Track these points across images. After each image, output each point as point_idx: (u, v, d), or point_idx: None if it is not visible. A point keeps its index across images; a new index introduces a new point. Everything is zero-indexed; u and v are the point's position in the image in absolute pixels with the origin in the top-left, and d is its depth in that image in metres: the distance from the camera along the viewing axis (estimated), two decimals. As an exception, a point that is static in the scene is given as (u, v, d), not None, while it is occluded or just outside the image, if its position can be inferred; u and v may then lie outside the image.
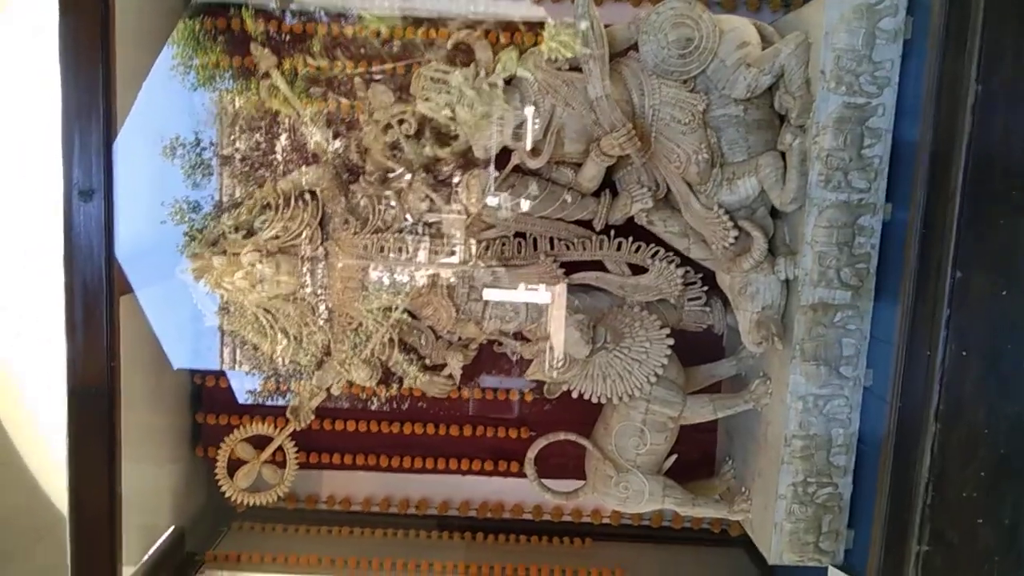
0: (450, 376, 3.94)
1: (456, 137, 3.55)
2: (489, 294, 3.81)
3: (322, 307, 3.83)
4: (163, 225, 3.78)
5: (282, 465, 3.85)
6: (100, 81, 2.99)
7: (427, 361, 3.96)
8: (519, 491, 4.43)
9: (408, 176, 3.58)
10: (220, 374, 4.25)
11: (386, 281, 3.74)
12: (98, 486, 3.05)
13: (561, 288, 3.78)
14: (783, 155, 3.31)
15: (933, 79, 2.93)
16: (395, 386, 4.05)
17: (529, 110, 3.39)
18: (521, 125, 3.44)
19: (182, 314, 3.87)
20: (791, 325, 3.36)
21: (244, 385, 4.09)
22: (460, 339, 3.91)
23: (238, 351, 3.90)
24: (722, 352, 4.11)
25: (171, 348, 3.96)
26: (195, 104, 3.81)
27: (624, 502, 3.75)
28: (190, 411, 4.13)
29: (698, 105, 3.34)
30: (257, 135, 3.72)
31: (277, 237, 3.72)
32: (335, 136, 3.75)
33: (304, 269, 3.76)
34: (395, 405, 4.18)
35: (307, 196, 3.73)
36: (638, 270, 3.79)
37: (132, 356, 3.61)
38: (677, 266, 3.71)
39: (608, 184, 3.68)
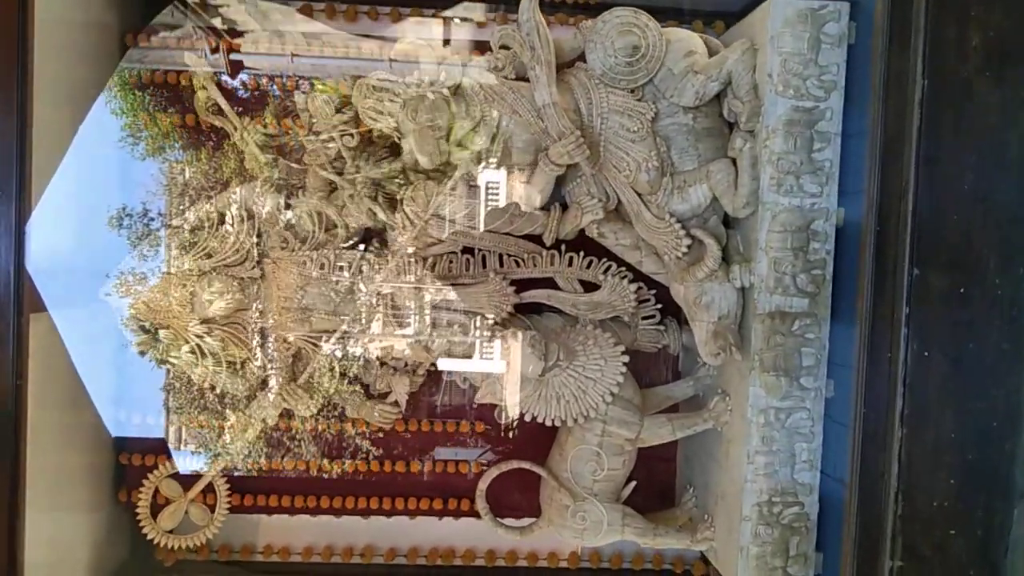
0: (395, 404, 3.72)
1: (398, 150, 3.43)
2: (437, 314, 3.64)
3: (259, 331, 3.60)
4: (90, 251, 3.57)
5: (212, 507, 3.53)
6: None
7: (370, 389, 3.74)
8: (471, 534, 4.16)
9: (349, 190, 3.43)
10: (146, 413, 3.94)
11: (326, 299, 3.54)
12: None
13: (510, 306, 3.62)
14: (734, 162, 3.25)
15: (879, 76, 2.91)
16: (336, 417, 3.80)
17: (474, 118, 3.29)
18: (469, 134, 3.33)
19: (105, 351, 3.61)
20: (748, 335, 3.24)
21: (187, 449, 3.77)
22: (406, 364, 3.71)
23: (184, 430, 3.61)
24: (678, 374, 3.97)
25: (91, 382, 3.66)
26: (136, 172, 3.62)
27: (582, 534, 3.53)
28: (113, 450, 3.79)
29: (647, 114, 3.28)
30: (207, 205, 3.50)
31: (209, 255, 3.51)
32: (273, 150, 3.58)
33: (238, 290, 3.54)
34: (337, 440, 3.91)
35: (243, 213, 3.54)
36: (591, 287, 3.66)
37: (46, 387, 3.33)
38: (630, 282, 3.60)
39: (557, 198, 3.58)
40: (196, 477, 3.54)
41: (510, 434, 3.84)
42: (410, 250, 3.53)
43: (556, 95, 3.24)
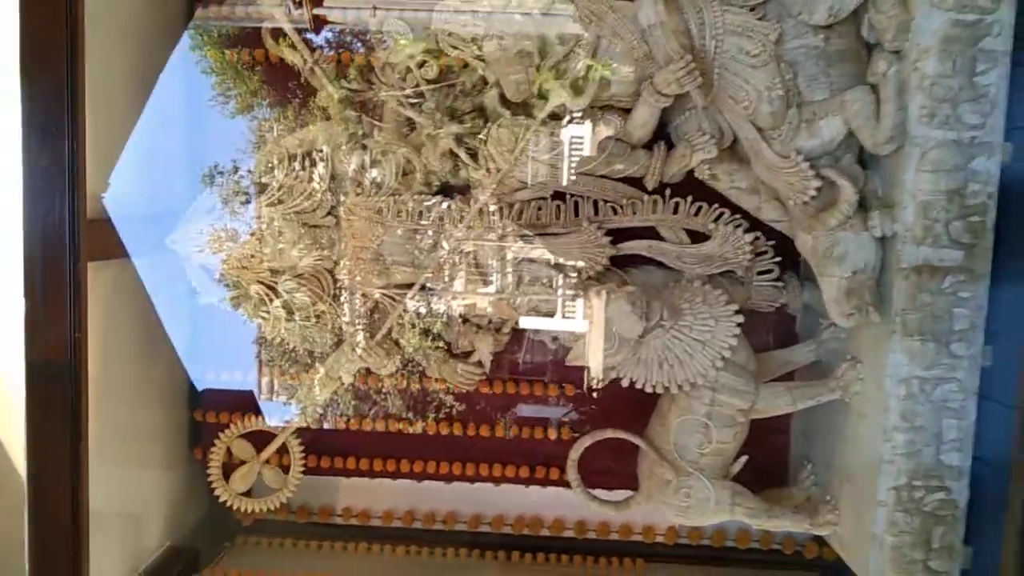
0: (479, 364, 3.41)
1: (483, 84, 3.06)
2: (524, 267, 3.29)
3: (334, 284, 3.34)
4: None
5: (286, 468, 3.33)
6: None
7: (453, 347, 3.44)
8: (560, 503, 3.85)
9: (428, 127, 3.09)
10: (223, 368, 3.76)
11: (404, 251, 3.24)
12: (59, 489, 2.56)
13: (606, 259, 3.24)
14: (874, 89, 2.75)
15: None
16: (416, 377, 3.53)
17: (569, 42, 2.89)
18: (561, 62, 2.93)
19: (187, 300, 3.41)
20: (888, 293, 2.77)
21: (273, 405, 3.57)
22: (490, 321, 3.38)
23: (276, 382, 3.42)
24: (795, 337, 3.51)
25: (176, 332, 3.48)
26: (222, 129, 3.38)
27: (685, 512, 3.16)
28: (187, 408, 3.63)
29: (769, 35, 2.80)
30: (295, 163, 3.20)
31: (280, 201, 3.25)
32: (356, 105, 3.24)
33: (310, 239, 3.28)
34: (417, 400, 3.64)
35: (315, 155, 3.25)
36: (698, 237, 3.23)
37: (111, 340, 3.16)
38: (745, 231, 3.15)
39: (661, 135, 3.15)
40: (270, 437, 3.33)
41: (604, 400, 3.49)
42: (494, 197, 3.17)
43: (663, 14, 2.80)
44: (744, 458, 3.24)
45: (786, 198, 2.94)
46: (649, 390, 3.07)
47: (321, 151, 3.25)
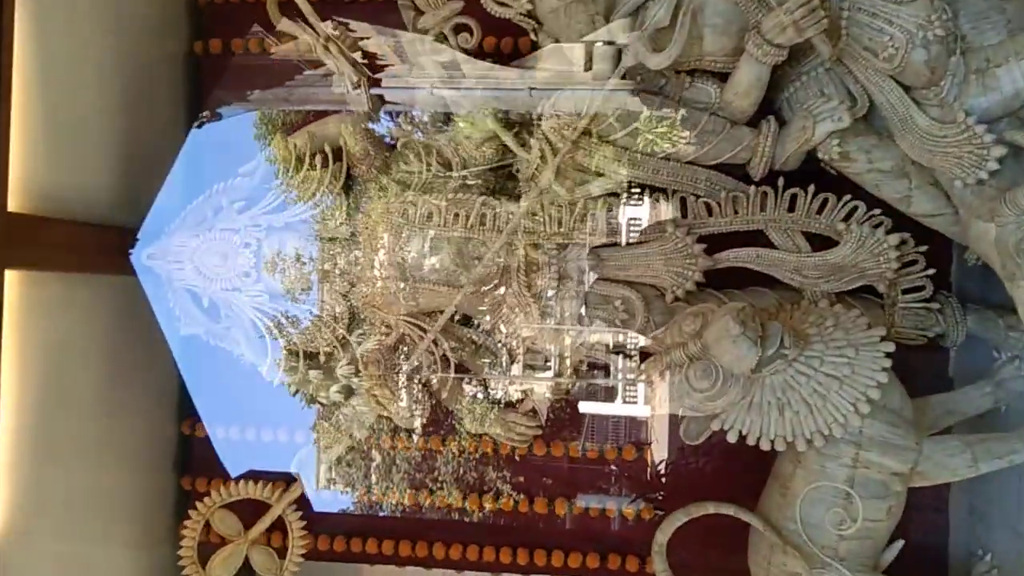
0: (533, 414, 2.63)
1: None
2: (592, 287, 2.54)
3: (346, 310, 2.64)
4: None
5: (282, 550, 2.56)
6: None
7: (500, 399, 2.67)
8: (638, 602, 2.95)
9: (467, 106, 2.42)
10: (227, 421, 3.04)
11: (434, 264, 2.52)
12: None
13: (699, 274, 2.47)
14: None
15: None
16: (452, 437, 2.76)
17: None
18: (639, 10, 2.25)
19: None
20: (1120, 302, 1.92)
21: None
22: (546, 360, 2.62)
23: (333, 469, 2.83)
24: (948, 382, 2.65)
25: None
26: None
27: (820, 621, 2.26)
28: (173, 470, 2.91)
29: (918, -41, 2.08)
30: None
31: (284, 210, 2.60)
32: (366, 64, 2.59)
33: (323, 252, 2.61)
34: (452, 464, 2.86)
35: (329, 155, 2.60)
36: (823, 243, 2.44)
37: (66, 381, 2.50)
38: (888, 231, 2.35)
39: (770, 111, 2.42)
40: (262, 510, 2.57)
41: (700, 463, 2.66)
42: (551, 191, 2.46)
43: (774, -63, 2.11)
44: (899, 543, 2.37)
45: (950, 179, 2.16)
46: (765, 447, 2.24)
47: (337, 151, 2.60)
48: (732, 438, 2.27)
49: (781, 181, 2.41)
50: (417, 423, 2.63)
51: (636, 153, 2.41)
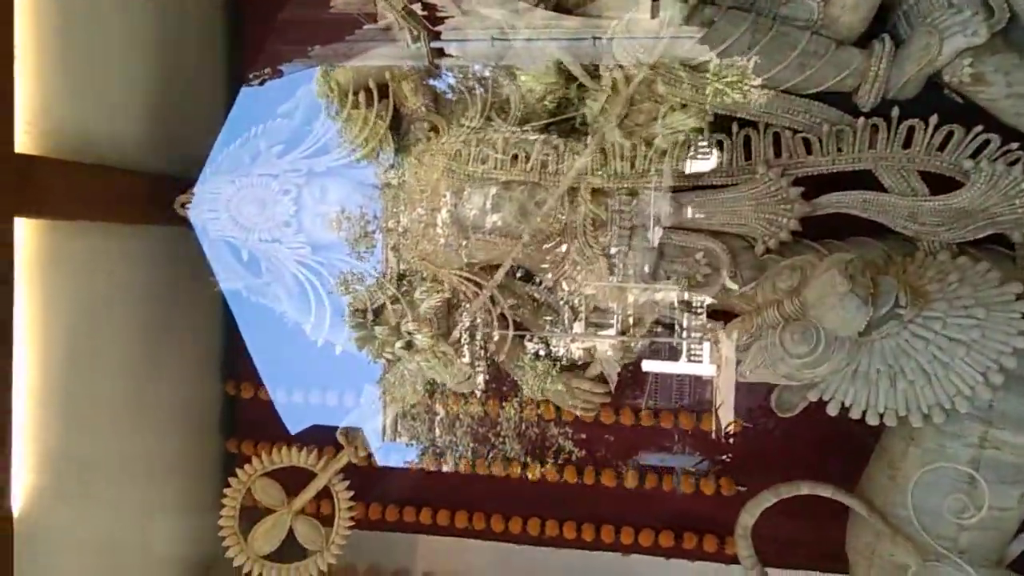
0: (601, 380, 2.36)
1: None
2: (668, 237, 2.23)
3: (397, 264, 2.40)
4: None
5: (329, 520, 2.38)
6: None
7: (561, 356, 2.41)
8: (716, 585, 2.69)
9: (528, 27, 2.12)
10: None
11: (490, 214, 2.26)
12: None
13: (795, 222, 2.14)
14: None
15: None
16: (513, 399, 2.52)
17: None
18: None
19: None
20: None
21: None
22: (617, 319, 2.34)
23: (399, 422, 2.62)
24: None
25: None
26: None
27: (933, 621, 1.97)
28: (219, 432, 2.75)
29: None
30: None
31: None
32: (426, 17, 2.34)
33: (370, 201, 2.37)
34: (517, 434, 2.63)
35: (374, 92, 2.33)
36: (944, 185, 2.08)
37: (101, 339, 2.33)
38: (1028, 169, 1.98)
39: (882, 30, 2.05)
40: (307, 478, 2.38)
41: (791, 437, 2.37)
42: (623, 126, 2.15)
43: None
44: (1030, 534, 2.03)
45: (1115, 102, 1.76)
46: (873, 421, 1.94)
47: (383, 88, 2.34)
48: (833, 410, 1.97)
49: (896, 112, 2.05)
50: (472, 387, 2.39)
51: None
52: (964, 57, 1.90)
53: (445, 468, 2.67)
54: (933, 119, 2.02)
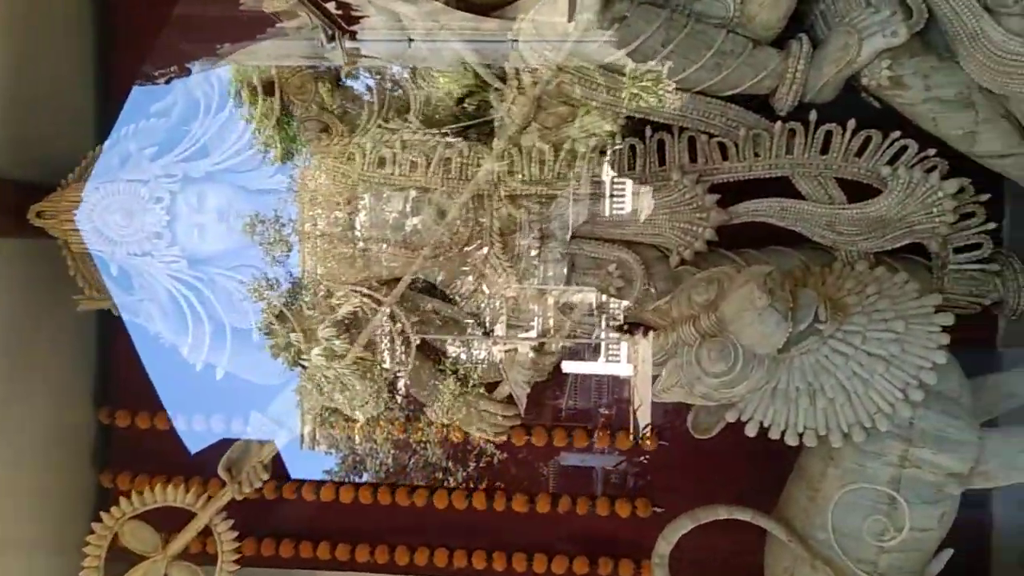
0: (510, 402, 2.20)
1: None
2: (580, 247, 2.10)
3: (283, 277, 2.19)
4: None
5: (211, 561, 2.14)
6: None
7: (468, 376, 2.23)
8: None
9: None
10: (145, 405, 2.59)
11: (391, 226, 2.07)
12: None
13: (711, 232, 2.03)
14: None
15: None
16: (417, 422, 2.33)
17: None
18: None
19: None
20: None
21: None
22: (526, 333, 2.18)
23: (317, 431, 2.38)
24: (998, 358, 2.24)
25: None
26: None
27: (854, 649, 1.88)
28: (92, 467, 2.48)
29: None
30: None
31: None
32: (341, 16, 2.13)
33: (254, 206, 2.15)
34: (415, 459, 2.45)
35: (259, 87, 2.11)
36: (862, 193, 2.00)
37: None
38: (944, 176, 1.92)
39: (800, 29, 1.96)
40: (185, 518, 2.13)
41: (708, 458, 2.26)
42: (530, 130, 2.00)
43: None
44: (947, 553, 1.97)
45: (1029, 109, 1.71)
46: (792, 441, 1.84)
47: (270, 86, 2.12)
48: (752, 431, 1.86)
49: (813, 116, 1.96)
50: (373, 411, 2.19)
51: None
52: (883, 59, 1.83)
53: (364, 477, 2.49)
54: (851, 124, 1.95)
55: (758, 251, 2.10)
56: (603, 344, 2.19)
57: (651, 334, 2.04)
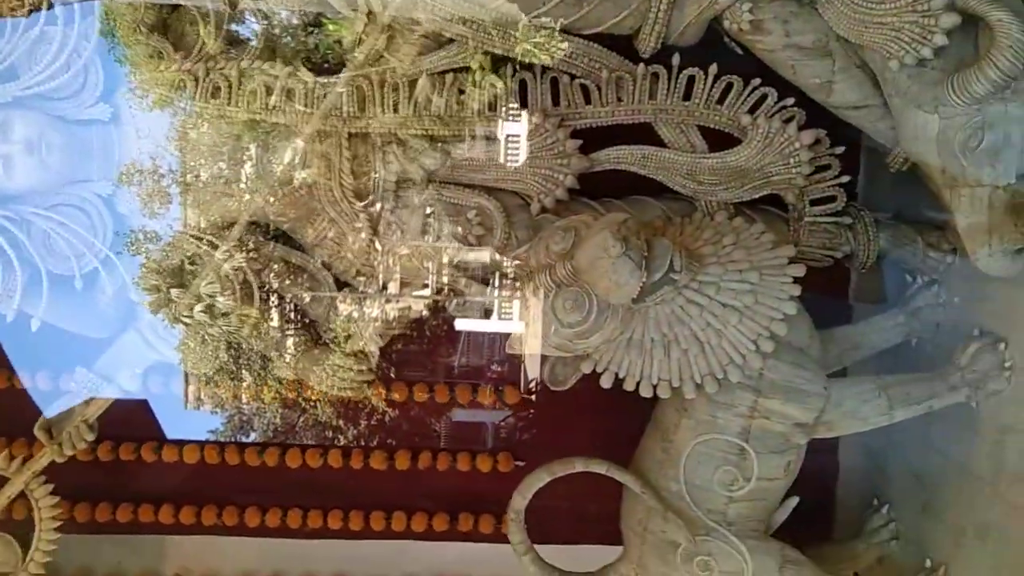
0: (362, 355, 2.08)
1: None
2: (438, 192, 1.98)
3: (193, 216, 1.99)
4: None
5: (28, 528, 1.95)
6: None
7: (324, 333, 2.10)
8: (499, 565, 2.50)
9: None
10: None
11: (221, 160, 1.89)
12: None
13: (572, 179, 1.96)
14: None
15: None
16: (271, 381, 2.18)
17: None
18: None
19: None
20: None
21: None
22: (382, 288, 2.06)
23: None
24: (849, 311, 2.29)
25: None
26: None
27: (706, 597, 1.89)
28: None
29: None
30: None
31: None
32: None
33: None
34: (273, 418, 2.31)
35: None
36: (724, 142, 1.97)
37: None
38: (801, 127, 1.90)
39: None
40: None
41: (567, 410, 2.22)
42: (378, 64, 1.86)
43: None
44: (793, 501, 2.01)
45: (883, 59, 1.72)
46: (646, 393, 1.80)
47: None
48: (607, 382, 1.82)
49: (676, 59, 1.90)
50: (206, 366, 2.03)
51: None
52: (744, 2, 1.77)
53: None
54: (712, 69, 1.90)
55: (619, 200, 2.04)
56: (464, 297, 2.10)
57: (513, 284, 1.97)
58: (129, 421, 2.40)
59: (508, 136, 1.97)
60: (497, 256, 2.04)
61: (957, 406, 1.87)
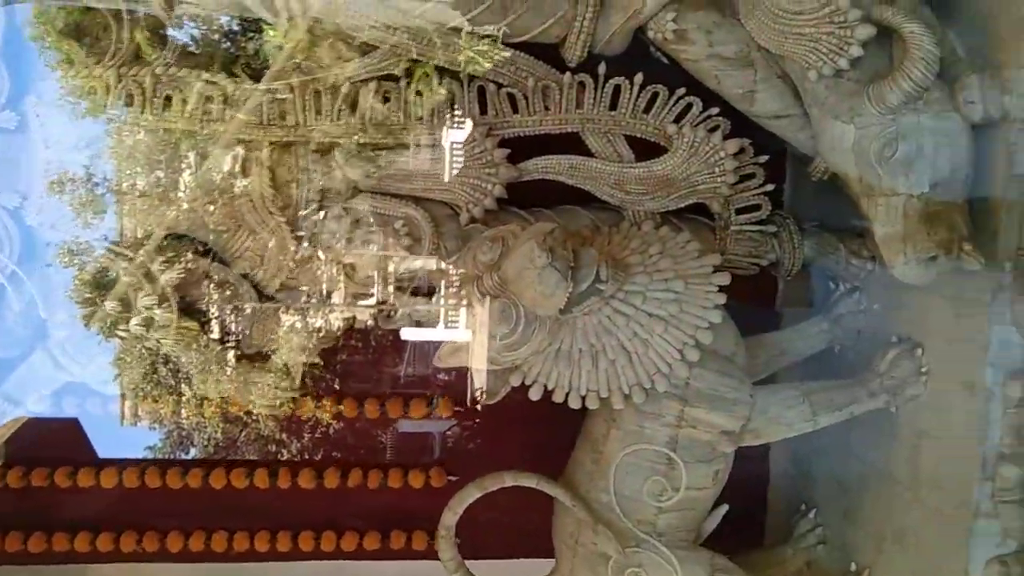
0: (285, 370, 2.02)
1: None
2: (364, 202, 1.94)
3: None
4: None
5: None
6: None
7: (243, 344, 2.03)
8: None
9: None
10: None
11: (137, 167, 1.82)
12: None
13: (500, 188, 1.94)
14: None
15: None
16: (187, 396, 2.10)
17: None
18: None
19: None
20: (989, 223, 1.61)
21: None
22: (309, 299, 2.01)
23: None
24: (776, 318, 2.33)
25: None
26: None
27: (634, 606, 1.88)
28: None
29: None
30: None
31: None
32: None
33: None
34: (190, 434, 2.22)
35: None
36: (650, 151, 1.97)
37: None
38: (726, 135, 1.92)
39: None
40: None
41: (498, 423, 2.19)
42: (301, 70, 1.81)
43: None
44: (723, 509, 2.02)
45: (803, 69, 1.75)
46: (574, 404, 1.79)
47: None
48: (535, 394, 1.80)
49: (602, 68, 1.91)
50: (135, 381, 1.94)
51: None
52: (668, 11, 1.79)
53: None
54: (638, 78, 1.91)
55: (548, 210, 2.04)
56: (391, 308, 2.05)
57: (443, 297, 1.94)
58: (47, 443, 2.30)
59: (436, 145, 1.94)
60: (424, 266, 2.01)
61: (877, 412, 1.90)
